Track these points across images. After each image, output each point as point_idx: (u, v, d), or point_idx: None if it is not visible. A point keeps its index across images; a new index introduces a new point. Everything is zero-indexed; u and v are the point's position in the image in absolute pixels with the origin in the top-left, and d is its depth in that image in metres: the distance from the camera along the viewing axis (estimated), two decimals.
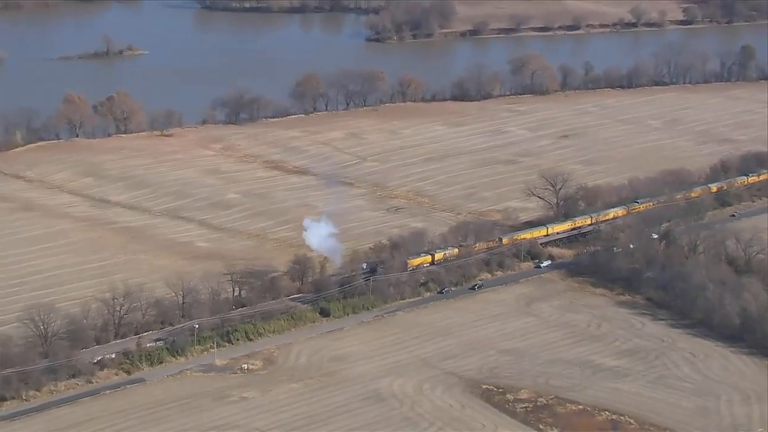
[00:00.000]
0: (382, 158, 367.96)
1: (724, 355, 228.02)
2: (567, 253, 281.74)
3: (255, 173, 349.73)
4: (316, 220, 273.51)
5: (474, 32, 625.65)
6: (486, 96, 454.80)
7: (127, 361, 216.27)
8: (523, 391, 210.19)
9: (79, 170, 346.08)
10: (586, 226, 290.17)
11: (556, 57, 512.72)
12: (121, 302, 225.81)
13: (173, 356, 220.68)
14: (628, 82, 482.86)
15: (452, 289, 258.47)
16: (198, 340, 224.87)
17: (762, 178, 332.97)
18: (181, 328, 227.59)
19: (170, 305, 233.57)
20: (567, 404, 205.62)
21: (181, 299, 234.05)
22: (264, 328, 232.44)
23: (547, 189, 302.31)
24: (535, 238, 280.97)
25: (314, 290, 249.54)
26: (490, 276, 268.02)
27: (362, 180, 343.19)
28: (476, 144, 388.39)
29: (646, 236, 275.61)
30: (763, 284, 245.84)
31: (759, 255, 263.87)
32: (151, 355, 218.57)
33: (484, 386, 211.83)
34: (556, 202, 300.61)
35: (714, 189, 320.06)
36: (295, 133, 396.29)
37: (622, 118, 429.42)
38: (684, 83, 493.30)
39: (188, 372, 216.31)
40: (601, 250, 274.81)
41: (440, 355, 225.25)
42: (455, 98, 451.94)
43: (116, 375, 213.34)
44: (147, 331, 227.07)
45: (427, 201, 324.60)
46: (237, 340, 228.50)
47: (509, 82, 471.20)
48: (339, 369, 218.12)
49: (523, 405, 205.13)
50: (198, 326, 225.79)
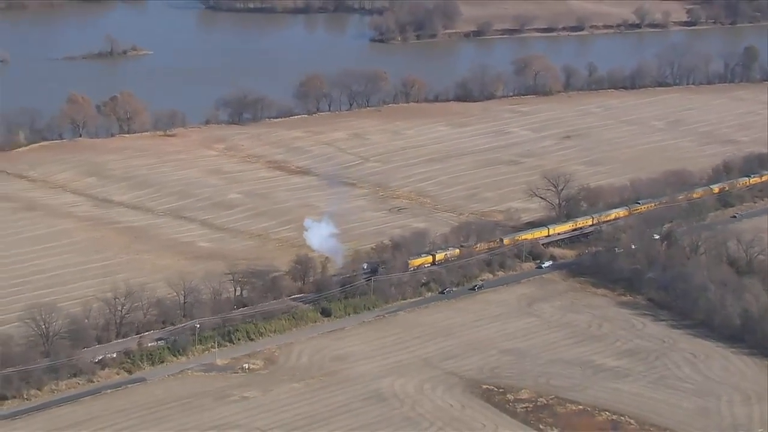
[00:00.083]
0: (385, 159, 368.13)
1: (725, 356, 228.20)
2: (569, 254, 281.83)
3: (258, 173, 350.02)
4: (317, 221, 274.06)
5: (478, 33, 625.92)
6: (489, 96, 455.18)
7: (129, 360, 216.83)
8: (523, 391, 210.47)
9: (83, 170, 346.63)
10: (588, 226, 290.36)
11: (560, 58, 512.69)
12: (123, 302, 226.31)
13: (174, 356, 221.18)
14: (631, 83, 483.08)
15: (453, 289, 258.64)
16: (199, 340, 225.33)
17: (764, 179, 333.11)
18: (183, 327, 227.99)
19: (172, 305, 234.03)
20: (567, 404, 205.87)
21: (182, 299, 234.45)
22: (265, 328, 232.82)
23: (549, 190, 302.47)
24: (537, 239, 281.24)
25: (316, 290, 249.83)
26: (491, 276, 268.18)
27: (364, 180, 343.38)
28: (479, 144, 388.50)
29: (647, 237, 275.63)
30: (764, 285, 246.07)
31: (760, 256, 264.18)
32: (152, 355, 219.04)
33: (485, 386, 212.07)
34: (558, 203, 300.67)
35: (716, 190, 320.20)
36: (298, 133, 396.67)
37: (626, 118, 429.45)
38: (687, 84, 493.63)
39: (189, 371, 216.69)
40: (602, 250, 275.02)
41: (441, 355, 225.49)
42: (458, 99, 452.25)
43: (117, 374, 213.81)
44: (148, 331, 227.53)
45: (429, 201, 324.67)
46: (238, 339, 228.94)
47: (512, 82, 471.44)
48: (340, 369, 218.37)
49: (524, 405, 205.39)
50: (199, 326, 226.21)
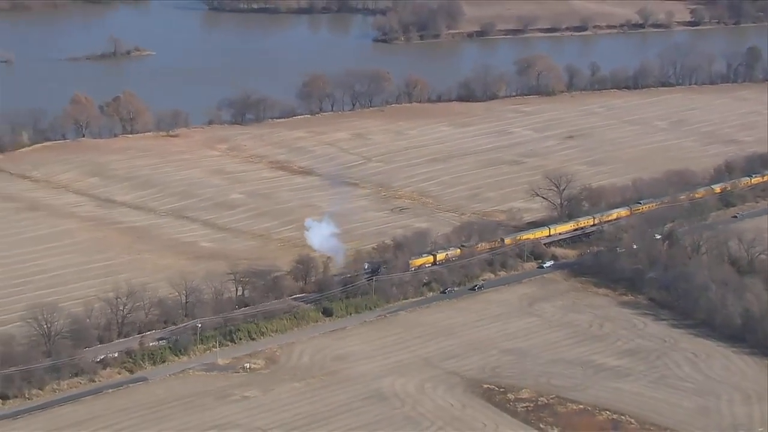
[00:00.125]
0: (387, 159, 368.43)
1: (726, 355, 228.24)
2: (570, 254, 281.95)
3: (260, 173, 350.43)
4: (318, 221, 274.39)
5: (481, 33, 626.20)
6: (492, 97, 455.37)
7: (130, 360, 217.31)
8: (524, 390, 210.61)
9: (85, 170, 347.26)
10: (589, 226, 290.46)
11: (563, 58, 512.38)
12: (125, 301, 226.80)
13: (176, 355, 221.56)
14: (634, 83, 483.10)
15: (455, 289, 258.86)
16: (201, 340, 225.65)
17: (766, 179, 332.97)
18: (184, 327, 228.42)
19: (173, 305, 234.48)
20: (568, 404, 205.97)
21: (184, 299, 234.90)
22: (266, 328, 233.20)
23: (551, 189, 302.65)
24: (538, 239, 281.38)
25: (317, 290, 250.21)
26: (493, 276, 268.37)
27: (367, 180, 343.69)
28: (482, 145, 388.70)
29: (649, 237, 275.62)
30: (765, 285, 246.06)
31: (761, 256, 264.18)
32: (153, 354, 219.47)
33: (486, 386, 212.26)
34: (559, 203, 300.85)
35: (718, 190, 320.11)
36: (301, 133, 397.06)
37: (628, 118, 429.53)
38: (690, 84, 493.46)
39: (191, 371, 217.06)
40: (604, 250, 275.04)
41: (442, 354, 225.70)
42: (461, 99, 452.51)
43: (119, 374, 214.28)
44: (150, 331, 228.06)
45: (431, 201, 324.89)
46: (239, 339, 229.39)
47: (515, 82, 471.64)
48: (341, 368, 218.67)
49: (524, 404, 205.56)
50: (201, 325, 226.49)
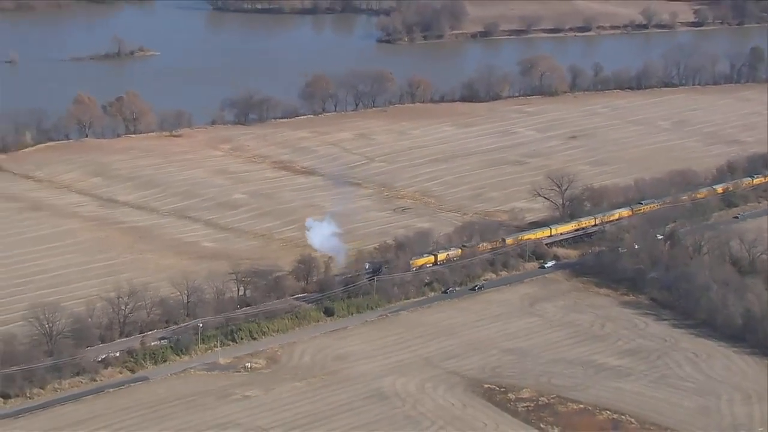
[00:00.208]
0: (390, 159, 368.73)
1: (727, 355, 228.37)
2: (572, 254, 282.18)
3: (263, 174, 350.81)
4: (319, 220, 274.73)
5: (485, 33, 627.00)
6: (495, 97, 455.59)
7: (132, 359, 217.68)
8: (524, 390, 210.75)
9: (88, 170, 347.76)
10: (591, 226, 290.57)
11: (566, 58, 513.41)
12: (126, 301, 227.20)
13: (177, 355, 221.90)
14: (637, 84, 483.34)
15: (456, 289, 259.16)
16: (202, 339, 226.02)
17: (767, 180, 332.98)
18: (186, 327, 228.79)
19: (175, 304, 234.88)
20: (568, 403, 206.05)
21: (185, 298, 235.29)
22: (268, 327, 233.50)
23: (553, 190, 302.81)
24: (539, 239, 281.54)
25: (319, 290, 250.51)
26: (494, 276, 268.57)
27: (370, 180, 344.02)
28: (484, 145, 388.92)
29: (650, 237, 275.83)
30: (766, 285, 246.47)
31: (762, 256, 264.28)
32: (155, 354, 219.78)
33: (486, 385, 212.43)
34: (561, 203, 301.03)
35: (720, 190, 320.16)
36: (304, 133, 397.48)
37: (632, 119, 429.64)
38: (693, 85, 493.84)
39: (192, 370, 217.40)
40: (605, 250, 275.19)
41: (443, 354, 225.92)
42: (464, 99, 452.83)
43: (120, 373, 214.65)
44: (151, 330, 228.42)
45: (433, 201, 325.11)
46: (241, 339, 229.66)
47: (519, 83, 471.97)
48: (342, 368, 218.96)
49: (525, 404, 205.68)
50: (202, 325, 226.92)
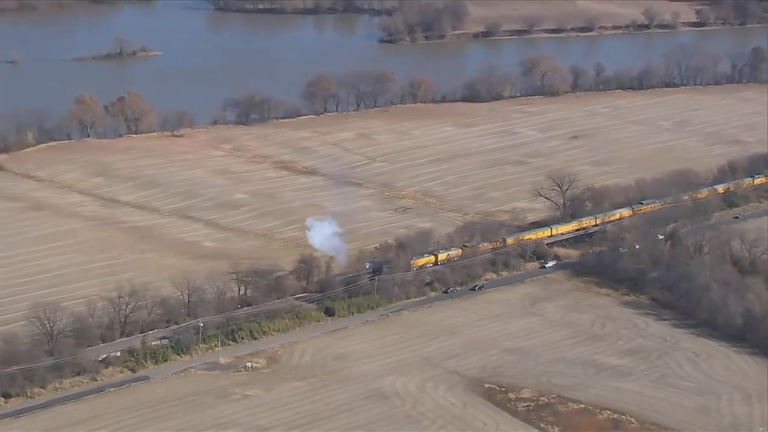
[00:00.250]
0: (391, 159, 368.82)
1: (727, 355, 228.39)
2: (573, 254, 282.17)
3: (264, 173, 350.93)
4: (320, 220, 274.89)
5: (486, 33, 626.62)
6: (497, 97, 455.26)
7: (132, 359, 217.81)
8: (525, 390, 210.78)
9: (90, 170, 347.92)
10: (592, 226, 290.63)
11: (568, 58, 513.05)
12: (127, 301, 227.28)
13: (178, 354, 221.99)
14: (639, 84, 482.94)
15: (457, 288, 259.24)
16: (203, 339, 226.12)
17: None
18: (186, 326, 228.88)
19: (176, 304, 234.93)
20: (569, 403, 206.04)
21: (186, 298, 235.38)
22: (269, 327, 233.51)
23: (554, 189, 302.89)
24: (540, 239, 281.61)
25: (319, 289, 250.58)
26: (495, 276, 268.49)
27: (371, 180, 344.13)
28: (486, 145, 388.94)
29: (651, 237, 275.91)
30: (767, 285, 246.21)
31: (763, 256, 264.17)
32: (156, 354, 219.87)
33: (487, 385, 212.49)
34: (562, 203, 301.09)
35: (720, 190, 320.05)
36: (306, 133, 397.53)
37: (633, 119, 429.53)
38: (695, 85, 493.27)
39: (193, 370, 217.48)
40: (606, 250, 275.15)
41: (443, 354, 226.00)
42: (466, 99, 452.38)
43: (121, 373, 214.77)
44: (152, 330, 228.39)
45: (434, 201, 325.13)
46: (242, 338, 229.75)
47: (520, 83, 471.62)
48: (342, 367, 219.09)
49: (525, 404, 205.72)
50: (203, 325, 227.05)
